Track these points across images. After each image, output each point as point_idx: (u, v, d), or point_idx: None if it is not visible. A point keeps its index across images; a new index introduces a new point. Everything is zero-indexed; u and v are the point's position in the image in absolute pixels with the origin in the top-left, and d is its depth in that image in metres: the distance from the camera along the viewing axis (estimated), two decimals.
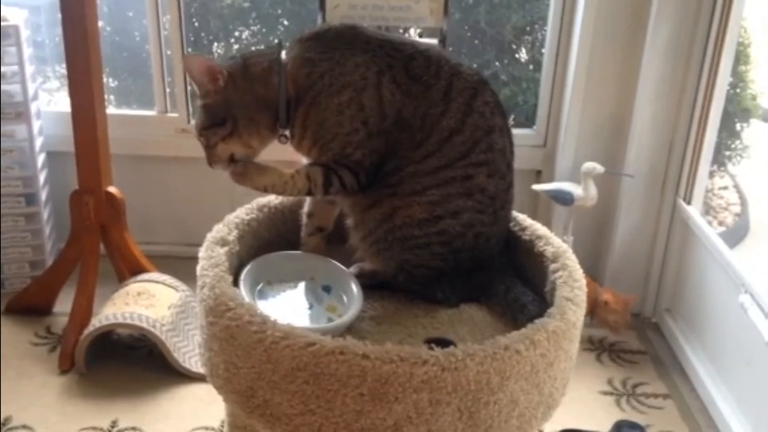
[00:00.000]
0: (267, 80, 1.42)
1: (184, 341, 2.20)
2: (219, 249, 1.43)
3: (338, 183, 1.43)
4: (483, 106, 1.43)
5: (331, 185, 1.43)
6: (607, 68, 2.46)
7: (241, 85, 1.42)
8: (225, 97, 1.42)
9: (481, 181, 1.42)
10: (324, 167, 1.43)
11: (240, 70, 1.42)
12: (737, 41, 2.31)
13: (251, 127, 1.43)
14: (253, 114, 1.43)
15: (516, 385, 1.23)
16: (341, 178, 1.43)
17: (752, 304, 1.98)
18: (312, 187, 1.43)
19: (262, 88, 1.42)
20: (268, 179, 1.43)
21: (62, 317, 2.34)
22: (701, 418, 2.14)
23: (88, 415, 2.02)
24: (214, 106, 1.43)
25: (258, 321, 1.24)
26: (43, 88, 2.82)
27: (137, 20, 2.79)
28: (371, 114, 1.40)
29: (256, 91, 1.43)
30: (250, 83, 1.42)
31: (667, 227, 2.49)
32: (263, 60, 1.43)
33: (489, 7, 2.80)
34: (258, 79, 1.42)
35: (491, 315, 1.47)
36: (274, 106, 1.43)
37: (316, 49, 1.42)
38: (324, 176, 1.43)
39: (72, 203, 2.29)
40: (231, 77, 1.41)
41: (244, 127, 1.43)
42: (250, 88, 1.42)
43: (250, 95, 1.42)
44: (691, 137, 2.36)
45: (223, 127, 1.43)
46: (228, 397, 1.34)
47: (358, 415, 1.19)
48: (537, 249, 1.51)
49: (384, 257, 1.46)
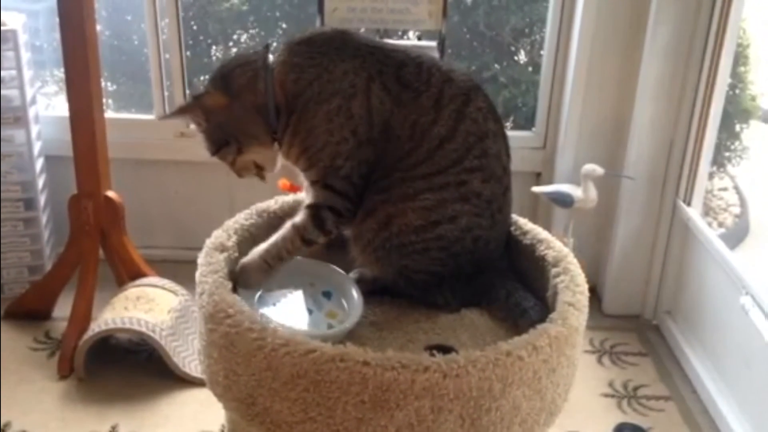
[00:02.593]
0: (254, 88, 1.41)
1: (184, 345, 2.19)
2: (218, 255, 1.43)
3: (331, 215, 1.41)
4: (476, 111, 1.42)
5: (325, 221, 1.41)
6: (607, 70, 2.46)
7: (226, 104, 1.41)
8: (216, 122, 1.42)
9: (476, 186, 1.41)
10: (308, 209, 1.42)
11: (221, 91, 1.41)
12: (736, 42, 2.31)
13: (251, 139, 1.43)
14: (248, 126, 1.43)
15: (518, 391, 1.22)
16: (331, 208, 1.41)
17: (753, 306, 1.98)
18: (303, 232, 1.41)
19: (250, 96, 1.41)
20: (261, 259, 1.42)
21: (61, 322, 2.34)
22: (702, 419, 2.14)
23: (88, 420, 2.02)
24: (211, 132, 1.43)
25: (258, 328, 1.23)
26: (42, 92, 2.82)
27: (136, 24, 2.78)
28: (360, 122, 1.39)
29: (244, 102, 1.41)
30: (237, 97, 1.41)
31: (667, 229, 2.49)
32: (247, 69, 1.42)
33: (488, 10, 2.79)
34: (244, 89, 1.41)
35: (492, 320, 1.46)
36: (264, 111, 1.41)
37: (304, 55, 1.41)
38: (312, 218, 1.41)
39: (71, 207, 2.29)
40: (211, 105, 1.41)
41: (245, 141, 1.43)
42: (237, 101, 1.41)
43: (238, 108, 1.41)
44: (691, 138, 2.36)
45: (229, 146, 1.43)
46: (228, 405, 1.34)
47: (359, 422, 1.19)
48: (538, 253, 1.50)
49: (383, 264, 1.46)
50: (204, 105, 1.42)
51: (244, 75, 1.41)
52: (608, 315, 2.59)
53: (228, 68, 1.44)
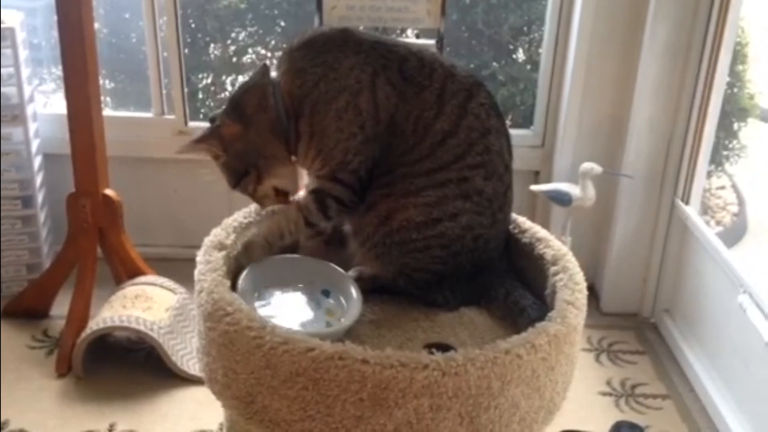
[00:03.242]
0: (265, 106, 1.41)
1: (182, 344, 2.19)
2: (217, 253, 1.43)
3: (335, 203, 1.42)
4: (478, 108, 1.42)
5: (328, 208, 1.43)
6: (605, 68, 2.46)
7: (242, 132, 1.41)
8: (234, 152, 1.43)
9: (478, 184, 1.41)
10: (313, 193, 1.43)
11: (235, 120, 1.41)
12: (735, 41, 2.31)
13: (271, 163, 1.44)
14: (265, 148, 1.43)
15: (517, 389, 1.22)
16: (336, 197, 1.42)
17: (751, 304, 1.98)
18: (307, 215, 1.43)
19: (262, 116, 1.41)
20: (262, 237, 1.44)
21: (59, 320, 2.34)
22: (700, 418, 2.14)
23: (86, 418, 2.02)
24: (230, 163, 1.44)
25: (257, 326, 1.23)
26: (40, 90, 2.81)
27: (134, 22, 2.78)
28: (367, 117, 1.39)
29: (258, 126, 1.42)
30: (250, 122, 1.41)
31: (665, 227, 2.49)
32: (255, 91, 1.42)
33: (486, 8, 2.79)
34: (256, 111, 1.41)
35: (491, 318, 1.46)
36: (278, 127, 1.42)
37: (306, 58, 1.41)
38: (316, 202, 1.43)
39: (69, 206, 2.29)
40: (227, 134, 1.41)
41: (265, 166, 1.43)
42: (251, 128, 1.41)
43: (253, 134, 1.42)
44: (689, 137, 2.36)
45: (248, 176, 1.44)
46: (227, 403, 1.34)
47: (358, 420, 1.19)
48: (537, 252, 1.50)
49: (383, 261, 1.46)
50: (221, 136, 1.42)
51: (253, 97, 1.42)
52: (606, 313, 2.60)
53: (237, 97, 1.44)
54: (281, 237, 1.45)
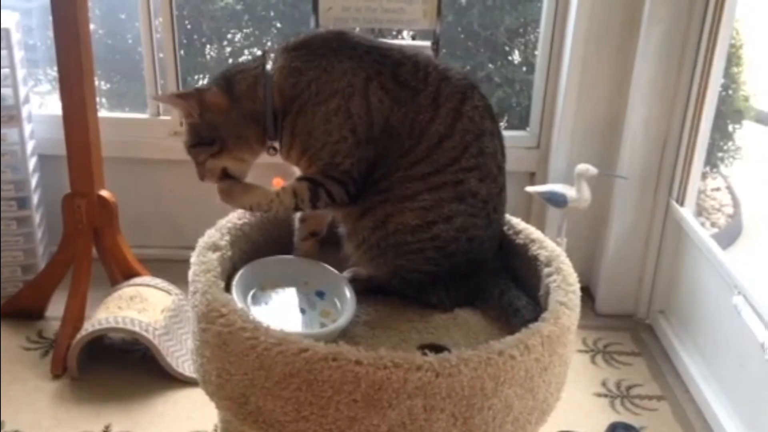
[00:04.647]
0: (253, 94, 1.41)
1: (177, 345, 2.19)
2: (211, 254, 1.43)
3: (326, 197, 1.42)
4: (472, 110, 1.42)
5: (318, 199, 1.43)
6: (600, 70, 2.46)
7: (226, 106, 1.41)
8: (210, 120, 1.42)
9: (472, 186, 1.42)
10: (310, 182, 1.43)
11: (223, 92, 1.41)
12: (729, 43, 2.32)
13: (240, 143, 1.43)
14: (241, 131, 1.43)
15: (510, 390, 1.22)
16: (329, 191, 1.42)
17: (745, 306, 1.98)
18: (299, 202, 1.43)
19: (249, 103, 1.42)
20: (253, 198, 1.43)
21: (54, 321, 2.33)
22: (695, 419, 2.14)
23: (81, 419, 2.01)
24: (200, 127, 1.43)
25: (251, 327, 1.23)
26: (35, 91, 2.81)
27: (129, 23, 2.78)
28: (359, 122, 1.39)
29: (242, 108, 1.42)
30: (236, 102, 1.41)
31: (660, 229, 2.49)
32: (248, 76, 1.42)
33: (482, 9, 2.80)
34: (244, 95, 1.42)
35: (485, 319, 1.47)
36: (261, 118, 1.42)
37: (302, 58, 1.42)
38: (310, 191, 1.42)
39: (64, 206, 2.28)
40: (211, 102, 1.40)
41: (233, 144, 1.43)
42: (236, 106, 1.41)
43: (236, 113, 1.42)
44: (684, 138, 2.37)
45: (211, 146, 1.43)
46: (221, 404, 1.34)
47: (352, 421, 1.19)
48: (531, 253, 1.51)
49: (378, 263, 1.46)
50: (204, 99, 1.41)
51: (244, 81, 1.42)
52: (601, 314, 2.60)
53: (230, 72, 1.44)
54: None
